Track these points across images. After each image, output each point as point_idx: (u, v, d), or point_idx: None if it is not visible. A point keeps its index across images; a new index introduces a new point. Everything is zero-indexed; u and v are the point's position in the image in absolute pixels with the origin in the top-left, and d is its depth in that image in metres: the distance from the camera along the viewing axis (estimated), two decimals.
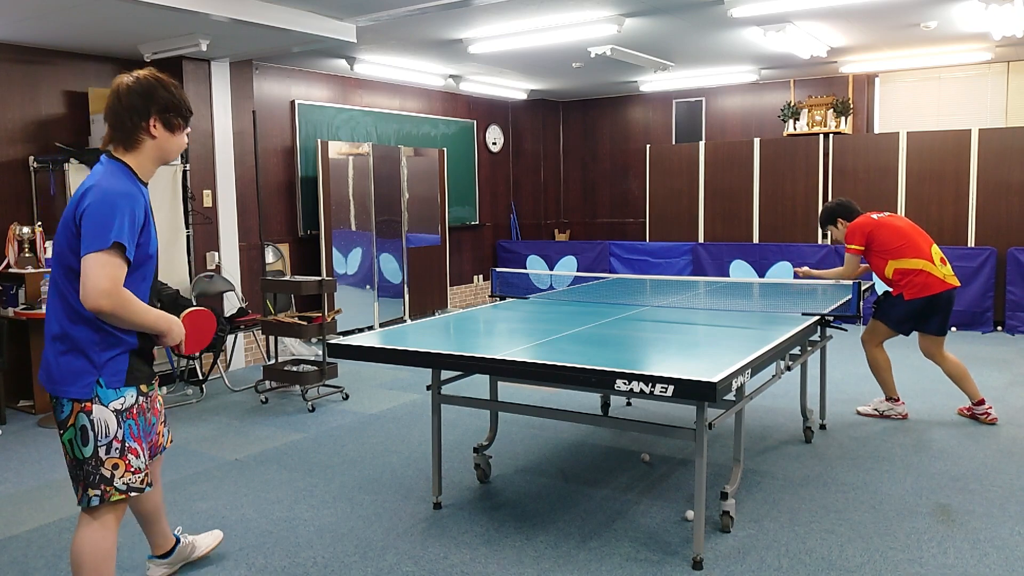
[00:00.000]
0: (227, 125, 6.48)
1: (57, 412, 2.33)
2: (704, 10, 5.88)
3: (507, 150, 10.51)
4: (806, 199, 8.70)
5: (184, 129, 2.45)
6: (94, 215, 2.18)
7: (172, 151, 2.43)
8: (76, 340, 2.27)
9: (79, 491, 2.36)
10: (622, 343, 3.35)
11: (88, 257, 2.16)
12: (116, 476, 2.33)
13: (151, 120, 2.35)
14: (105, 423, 2.30)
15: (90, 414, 2.28)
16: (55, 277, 2.32)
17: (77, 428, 2.29)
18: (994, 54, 7.65)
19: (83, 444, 2.29)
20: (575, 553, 3.11)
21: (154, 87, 2.37)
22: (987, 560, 3.01)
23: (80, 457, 2.31)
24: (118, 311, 2.21)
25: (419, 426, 4.88)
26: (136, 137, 2.35)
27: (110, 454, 2.32)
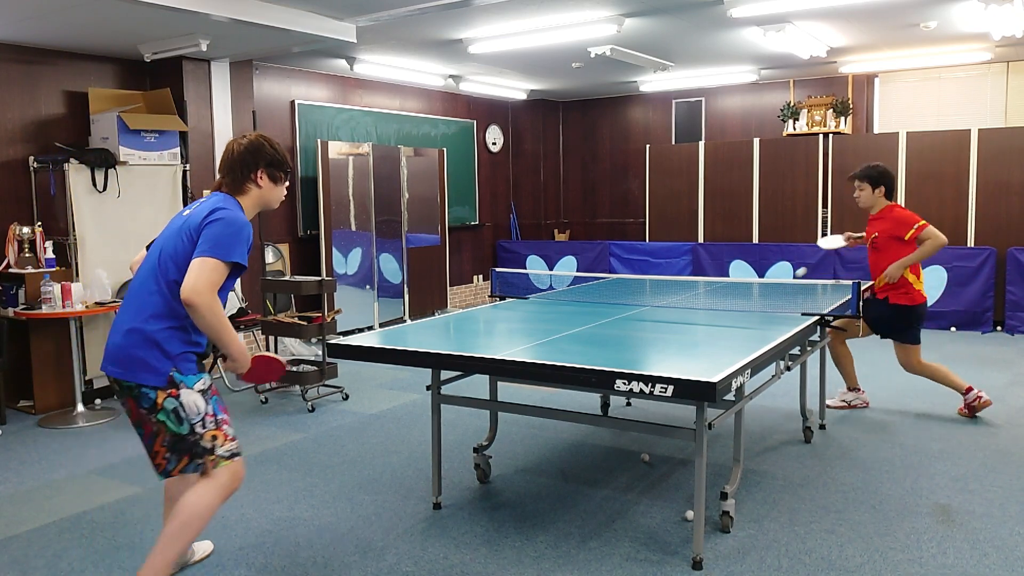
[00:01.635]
0: (227, 125, 6.47)
1: (141, 401, 2.58)
2: (704, 10, 5.88)
3: (507, 150, 10.52)
4: (806, 199, 8.70)
5: (284, 182, 2.85)
6: (222, 230, 2.54)
7: (273, 200, 2.83)
8: (157, 337, 2.55)
9: (182, 461, 2.65)
10: (622, 343, 3.35)
11: (203, 259, 2.49)
12: (218, 446, 2.64)
13: (259, 172, 2.75)
14: (195, 403, 2.59)
15: (178, 398, 2.57)
16: (153, 277, 2.59)
17: (168, 411, 2.57)
18: (994, 54, 7.65)
19: (178, 423, 2.59)
20: (575, 553, 3.11)
21: (263, 146, 2.76)
22: (987, 560, 3.01)
23: (178, 434, 2.60)
24: (206, 311, 2.48)
25: (419, 426, 4.88)
26: (244, 186, 2.75)
27: (207, 427, 2.62)
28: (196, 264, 2.48)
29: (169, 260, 2.58)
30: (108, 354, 2.62)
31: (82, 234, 5.53)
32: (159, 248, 2.64)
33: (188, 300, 2.45)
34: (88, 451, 4.56)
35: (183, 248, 2.57)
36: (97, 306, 5.24)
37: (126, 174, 5.72)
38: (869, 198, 4.83)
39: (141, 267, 2.70)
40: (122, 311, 2.64)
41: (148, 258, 2.68)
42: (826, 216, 8.64)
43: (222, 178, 2.76)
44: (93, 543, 3.31)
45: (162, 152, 5.93)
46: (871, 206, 4.86)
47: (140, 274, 2.66)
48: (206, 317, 2.48)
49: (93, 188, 5.55)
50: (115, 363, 2.59)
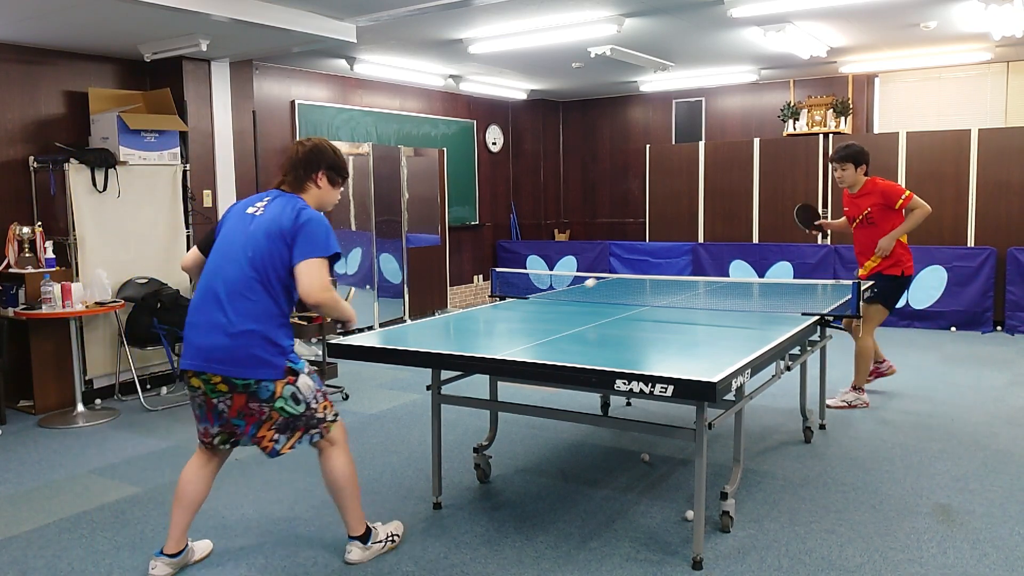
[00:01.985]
0: (227, 125, 6.47)
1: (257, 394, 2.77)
2: (704, 10, 5.88)
3: (507, 150, 10.51)
4: (806, 199, 8.68)
5: (341, 186, 3.03)
6: (316, 230, 2.77)
7: (329, 201, 3.01)
8: (270, 335, 2.76)
9: (293, 437, 2.88)
10: (622, 343, 3.35)
11: (311, 261, 2.74)
12: (327, 414, 2.94)
13: (319, 174, 2.93)
14: (308, 385, 2.86)
15: (295, 384, 2.82)
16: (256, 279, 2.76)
17: (286, 397, 2.80)
18: (994, 54, 7.65)
19: (295, 405, 2.83)
20: (575, 553, 3.11)
21: (325, 149, 2.96)
22: (987, 560, 3.01)
23: (295, 414, 2.84)
24: (331, 302, 2.80)
25: (419, 426, 4.88)
26: (304, 185, 2.93)
27: (318, 401, 2.90)
28: (309, 267, 2.73)
29: (268, 263, 2.76)
30: (211, 355, 2.74)
31: (82, 234, 5.53)
32: (246, 250, 2.78)
33: (317, 301, 2.74)
34: (88, 451, 4.56)
35: (279, 251, 2.75)
36: (97, 306, 5.24)
37: (126, 174, 5.72)
38: (852, 176, 4.98)
39: (224, 268, 2.79)
40: (216, 312, 2.76)
41: (231, 259, 2.79)
42: (826, 216, 8.63)
43: (284, 177, 2.93)
44: (93, 543, 3.31)
45: (162, 152, 5.93)
46: (853, 184, 5.01)
47: (230, 275, 2.77)
48: (331, 307, 2.83)
49: (93, 188, 5.55)
50: (226, 363, 2.74)
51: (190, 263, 3.03)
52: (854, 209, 5.04)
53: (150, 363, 5.92)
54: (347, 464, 3.00)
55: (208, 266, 2.86)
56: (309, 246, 2.74)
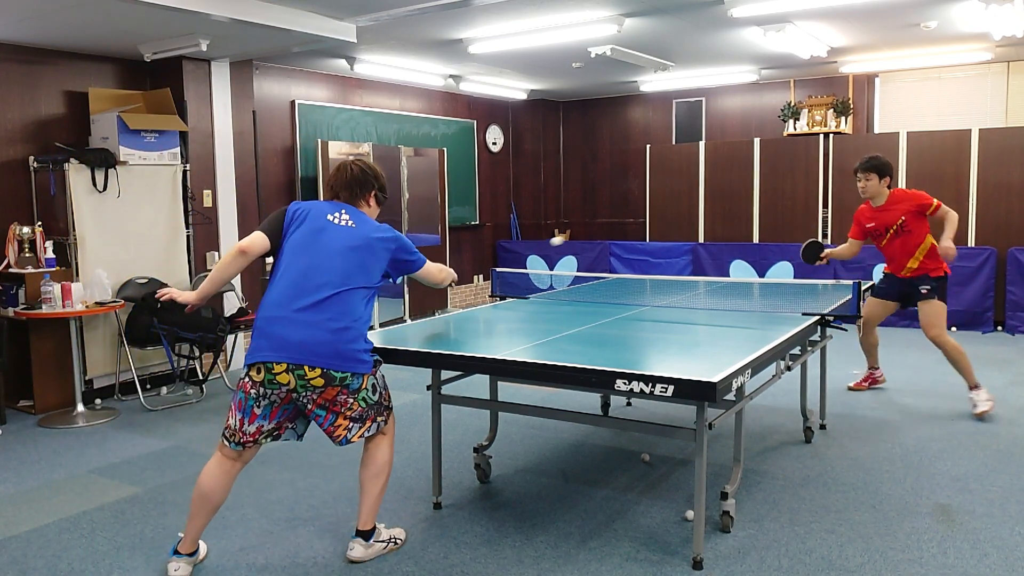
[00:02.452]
0: (227, 125, 6.47)
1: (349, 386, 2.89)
2: (704, 10, 5.88)
3: (507, 150, 10.51)
4: (806, 199, 8.70)
5: (380, 207, 3.31)
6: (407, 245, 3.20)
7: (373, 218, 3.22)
8: (364, 331, 2.95)
9: (364, 426, 2.98)
10: (622, 343, 3.35)
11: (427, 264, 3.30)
12: (389, 403, 3.13)
13: (371, 194, 3.23)
14: (383, 377, 3.08)
15: (375, 376, 3.00)
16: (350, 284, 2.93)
17: (368, 388, 2.96)
18: (994, 54, 7.65)
19: (373, 394, 2.99)
20: (575, 553, 3.11)
21: (377, 172, 3.29)
22: (987, 560, 3.01)
23: (372, 403, 2.99)
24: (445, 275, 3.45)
25: (419, 426, 4.88)
26: (358, 203, 3.19)
27: (386, 389, 3.10)
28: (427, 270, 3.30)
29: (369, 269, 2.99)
30: (313, 349, 2.82)
31: (82, 234, 5.53)
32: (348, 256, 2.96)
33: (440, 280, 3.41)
34: (88, 451, 4.56)
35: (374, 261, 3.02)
36: (97, 306, 5.23)
37: (126, 174, 5.72)
38: (876, 187, 4.98)
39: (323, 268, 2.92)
40: (315, 308, 2.86)
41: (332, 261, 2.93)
42: (826, 216, 8.64)
43: (339, 192, 3.17)
44: (93, 543, 3.31)
45: (162, 152, 5.93)
46: (876, 195, 5.01)
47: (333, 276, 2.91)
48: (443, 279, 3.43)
49: (93, 188, 5.55)
50: (328, 357, 2.84)
51: (257, 248, 3.00)
52: (881, 222, 5.01)
53: (150, 363, 5.92)
54: (390, 455, 3.12)
55: (299, 263, 2.93)
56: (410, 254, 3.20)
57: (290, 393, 2.87)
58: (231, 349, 6.40)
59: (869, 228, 5.09)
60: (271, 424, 2.93)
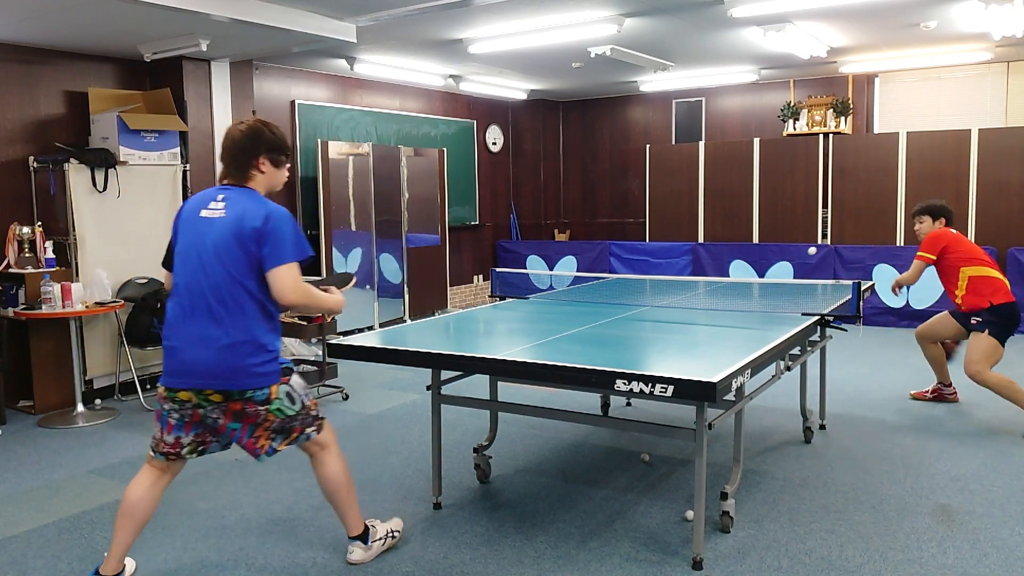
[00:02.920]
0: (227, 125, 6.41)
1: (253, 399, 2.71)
2: (704, 10, 5.88)
3: (507, 150, 10.51)
4: (806, 199, 8.70)
5: (286, 164, 2.90)
6: (285, 235, 2.67)
7: (277, 184, 2.88)
8: (262, 341, 2.71)
9: (288, 438, 2.82)
10: (622, 343, 3.35)
11: (283, 267, 2.65)
12: (318, 411, 2.92)
13: (260, 159, 2.80)
14: (300, 384, 2.85)
15: (288, 384, 2.79)
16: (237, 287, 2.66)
17: (282, 398, 2.76)
18: (994, 54, 7.65)
19: (292, 404, 2.79)
20: (575, 553, 3.11)
21: (262, 131, 2.81)
22: (987, 560, 3.01)
23: (290, 414, 2.79)
24: (305, 299, 2.74)
25: (419, 426, 4.88)
26: (248, 173, 2.80)
27: (309, 399, 2.88)
28: (281, 273, 2.65)
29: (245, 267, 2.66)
30: (206, 370, 2.65)
31: (82, 234, 5.53)
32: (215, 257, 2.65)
33: (292, 303, 2.70)
34: (88, 451, 4.56)
35: (253, 253, 2.65)
36: (97, 306, 5.23)
37: (126, 174, 5.72)
38: (929, 228, 4.99)
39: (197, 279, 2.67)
40: (203, 325, 2.65)
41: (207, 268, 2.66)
42: (826, 216, 8.64)
43: (225, 168, 2.82)
44: (93, 543, 3.31)
45: (162, 152, 5.93)
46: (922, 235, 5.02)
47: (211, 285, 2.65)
48: (308, 306, 2.80)
49: (93, 188, 5.55)
50: (220, 377, 2.66)
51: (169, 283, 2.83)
52: None
53: (150, 363, 5.92)
54: (341, 466, 2.97)
55: (180, 278, 2.72)
56: (279, 251, 2.64)
57: (196, 409, 2.72)
58: None
59: None
60: (189, 437, 2.78)
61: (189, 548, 3.23)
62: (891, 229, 8.31)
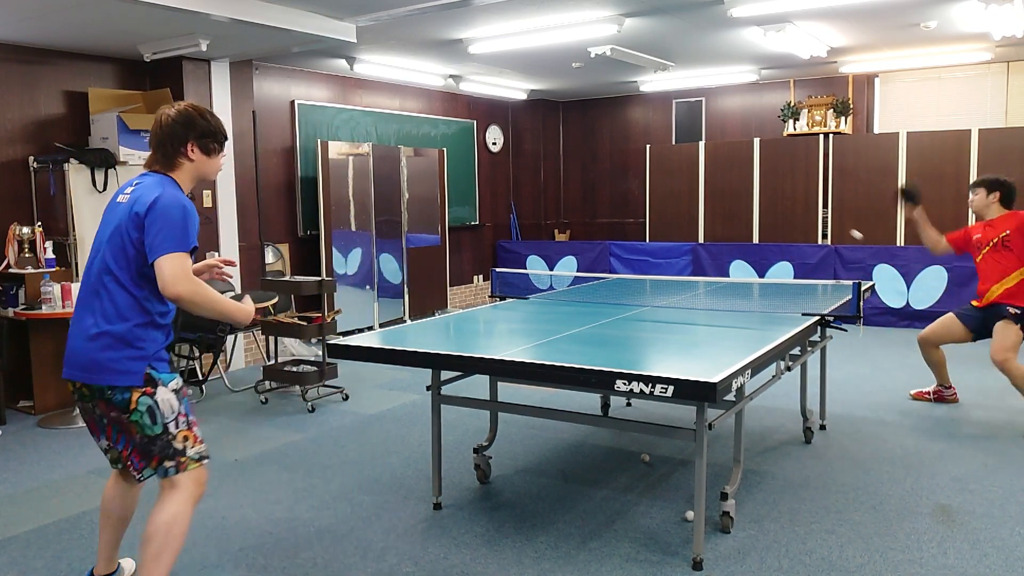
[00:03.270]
0: (227, 125, 6.43)
1: (112, 398, 2.49)
2: (704, 10, 5.88)
3: (507, 150, 10.51)
4: (806, 199, 8.70)
5: (220, 153, 2.71)
6: (170, 223, 2.44)
7: (209, 173, 2.70)
8: (128, 336, 2.49)
9: (151, 464, 2.54)
10: (622, 343, 3.35)
11: (166, 257, 2.42)
12: (188, 447, 2.56)
13: (189, 145, 2.61)
14: (169, 402, 2.53)
15: (153, 396, 2.51)
16: (98, 280, 2.52)
17: (142, 411, 2.49)
18: (994, 54, 7.65)
19: (152, 423, 2.51)
20: (575, 554, 3.11)
21: (193, 116, 2.62)
22: (987, 560, 3.01)
23: (151, 434, 2.51)
24: (193, 297, 2.45)
25: (419, 426, 4.88)
26: (176, 161, 2.61)
27: (179, 428, 2.55)
28: (164, 263, 2.41)
29: (126, 254, 2.49)
30: (72, 360, 2.53)
31: (82, 234, 5.53)
32: (105, 244, 2.53)
33: (175, 296, 2.43)
34: (88, 451, 4.55)
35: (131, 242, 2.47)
36: None
37: (126, 174, 5.71)
38: (982, 202, 4.88)
39: (89, 267, 2.57)
40: (80, 313, 2.55)
41: (95, 256, 2.56)
42: (826, 216, 8.64)
43: (152, 154, 2.64)
44: (93, 543, 3.30)
45: None
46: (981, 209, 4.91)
47: (91, 274, 2.55)
48: (197, 303, 2.47)
49: (93, 188, 5.55)
50: (83, 368, 2.50)
51: None
52: (986, 235, 4.86)
53: None
54: (183, 522, 2.53)
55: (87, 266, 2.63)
56: (162, 238, 2.43)
57: (84, 403, 2.59)
58: (231, 349, 6.40)
59: (975, 240, 4.92)
60: (104, 442, 2.65)
61: (189, 548, 3.22)
62: (891, 229, 8.31)
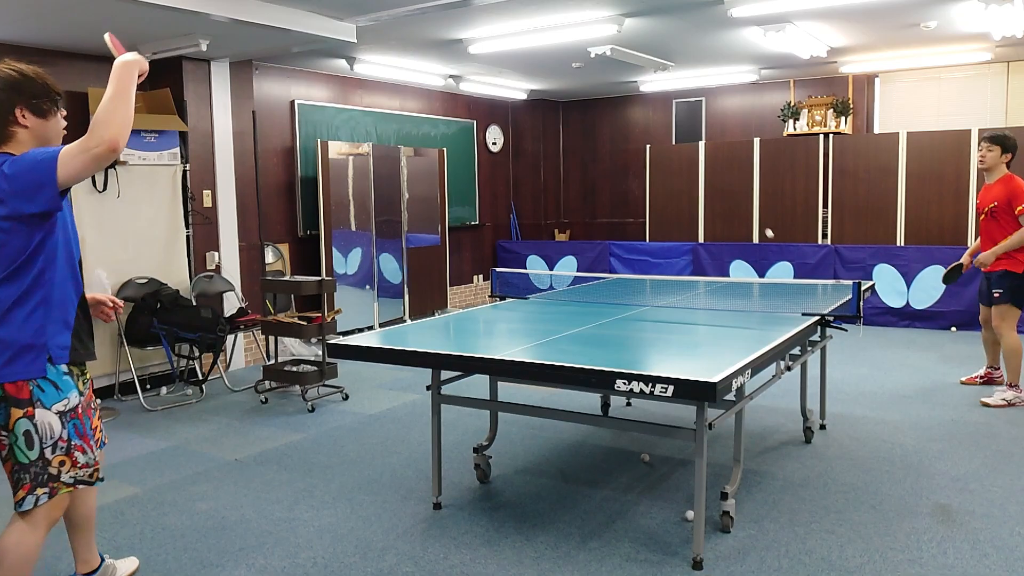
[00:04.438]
0: (227, 125, 6.47)
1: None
2: (704, 10, 5.88)
3: (507, 150, 10.51)
4: (806, 199, 8.70)
5: (58, 112, 2.40)
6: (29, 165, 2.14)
7: (52, 136, 2.39)
8: None
9: (20, 488, 2.31)
10: (622, 343, 3.35)
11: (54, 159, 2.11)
12: (63, 472, 2.34)
13: (18, 111, 2.30)
14: (48, 425, 2.29)
15: (32, 418, 2.26)
16: None
17: (19, 434, 2.26)
18: (994, 54, 7.65)
19: (28, 448, 2.27)
20: (575, 554, 3.11)
21: (14, 79, 2.30)
22: (987, 560, 3.01)
23: (25, 461, 2.29)
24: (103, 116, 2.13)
25: (419, 426, 4.88)
26: (7, 132, 2.30)
27: (56, 453, 2.31)
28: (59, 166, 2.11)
29: None
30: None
31: (82, 234, 5.52)
32: None
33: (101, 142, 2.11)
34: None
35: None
36: None
37: (126, 174, 5.72)
38: (994, 158, 4.94)
39: None
40: None
41: None
42: (826, 216, 8.64)
43: None
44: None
45: (162, 152, 5.93)
46: (991, 167, 4.97)
47: None
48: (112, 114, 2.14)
49: (93, 188, 5.55)
50: None
51: None
52: (983, 200, 5.06)
53: (150, 363, 5.92)
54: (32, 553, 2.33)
55: None
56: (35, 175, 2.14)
57: None
58: (231, 349, 6.40)
59: (978, 204, 5.10)
60: None
61: (189, 548, 3.23)
62: (891, 229, 8.31)
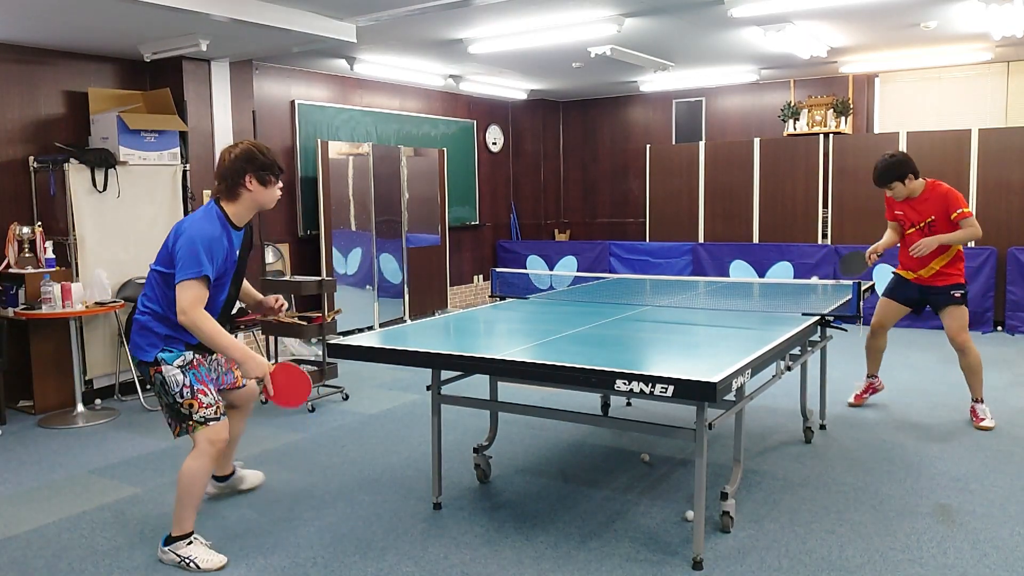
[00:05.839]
0: (227, 125, 6.47)
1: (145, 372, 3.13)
2: (704, 10, 5.88)
3: (507, 150, 10.51)
4: (806, 199, 8.70)
5: (276, 184, 3.17)
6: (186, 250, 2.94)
7: (267, 201, 3.17)
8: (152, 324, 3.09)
9: (173, 426, 3.14)
10: (622, 343, 3.35)
11: (181, 284, 2.94)
12: (193, 412, 3.08)
13: (248, 178, 3.08)
14: (174, 376, 3.06)
15: (161, 373, 3.07)
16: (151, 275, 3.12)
17: (157, 384, 3.09)
18: (994, 54, 7.65)
19: (166, 393, 3.08)
20: (575, 553, 3.11)
21: (252, 153, 3.09)
22: (987, 560, 3.01)
23: (165, 402, 3.11)
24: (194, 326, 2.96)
25: (419, 426, 4.88)
26: (236, 191, 3.10)
27: (184, 397, 3.07)
28: (179, 290, 2.94)
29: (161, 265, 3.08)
30: None
31: (82, 234, 5.53)
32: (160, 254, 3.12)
33: (182, 322, 2.96)
34: (88, 451, 4.56)
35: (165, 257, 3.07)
36: (97, 306, 5.23)
37: (126, 174, 5.72)
38: (904, 191, 4.65)
39: None
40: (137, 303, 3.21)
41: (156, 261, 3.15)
42: (826, 216, 8.64)
43: (217, 185, 3.13)
44: (93, 543, 3.31)
45: (162, 152, 5.93)
46: (909, 194, 4.68)
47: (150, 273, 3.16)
48: (197, 331, 2.97)
49: (93, 188, 5.55)
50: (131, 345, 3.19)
51: None
52: (908, 217, 4.72)
53: None
54: (196, 472, 3.08)
55: None
56: (180, 266, 2.95)
57: None
58: None
59: (898, 215, 4.78)
60: None
61: None
62: None
